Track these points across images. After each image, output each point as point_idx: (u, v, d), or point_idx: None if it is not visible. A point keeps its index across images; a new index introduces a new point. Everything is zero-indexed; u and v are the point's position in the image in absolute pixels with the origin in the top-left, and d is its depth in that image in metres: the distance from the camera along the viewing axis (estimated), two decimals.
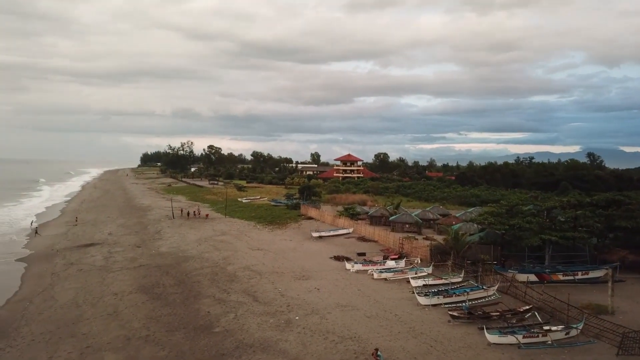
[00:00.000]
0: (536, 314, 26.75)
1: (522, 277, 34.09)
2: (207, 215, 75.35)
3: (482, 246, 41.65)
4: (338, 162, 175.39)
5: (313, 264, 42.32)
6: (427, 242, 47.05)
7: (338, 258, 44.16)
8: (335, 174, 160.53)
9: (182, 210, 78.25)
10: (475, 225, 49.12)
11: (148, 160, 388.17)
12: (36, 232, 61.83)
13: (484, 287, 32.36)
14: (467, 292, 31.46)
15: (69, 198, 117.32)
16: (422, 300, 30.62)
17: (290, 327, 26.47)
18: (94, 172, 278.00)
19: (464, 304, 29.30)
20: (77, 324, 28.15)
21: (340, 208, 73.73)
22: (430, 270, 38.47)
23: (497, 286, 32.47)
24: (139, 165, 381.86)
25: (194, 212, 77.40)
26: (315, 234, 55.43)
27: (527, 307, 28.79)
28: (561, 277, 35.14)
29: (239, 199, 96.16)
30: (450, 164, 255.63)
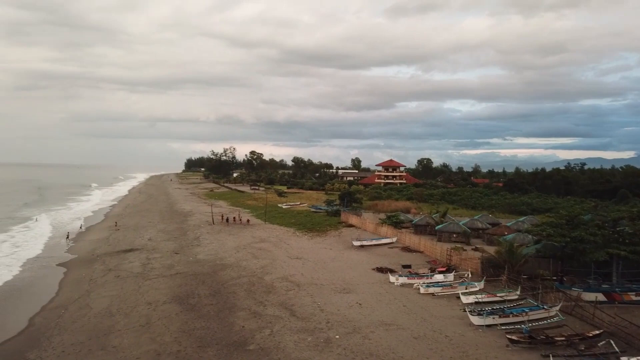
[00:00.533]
0: (612, 342, 23.39)
1: (589, 296, 30.61)
2: (247, 221, 74.39)
3: (540, 260, 38.19)
4: (380, 168, 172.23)
5: (354, 275, 40.05)
6: (477, 254, 43.88)
7: (381, 270, 41.68)
8: (376, 180, 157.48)
9: (222, 216, 77.65)
10: (530, 236, 45.52)
11: (192, 165, 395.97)
12: (67, 237, 62.56)
13: (545, 307, 29.17)
14: (526, 312, 28.38)
15: (115, 202, 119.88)
16: (475, 319, 27.78)
17: (330, 347, 24.30)
18: (141, 177, 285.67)
19: (523, 326, 26.29)
20: (109, 336, 27.02)
21: (382, 215, 71.07)
22: (482, 285, 35.46)
23: (559, 306, 29.21)
24: (183, 171, 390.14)
25: (234, 217, 76.67)
26: (356, 243, 53.13)
27: (598, 332, 25.44)
28: (634, 298, 31.35)
29: (279, 205, 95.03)
30: (496, 170, 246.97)
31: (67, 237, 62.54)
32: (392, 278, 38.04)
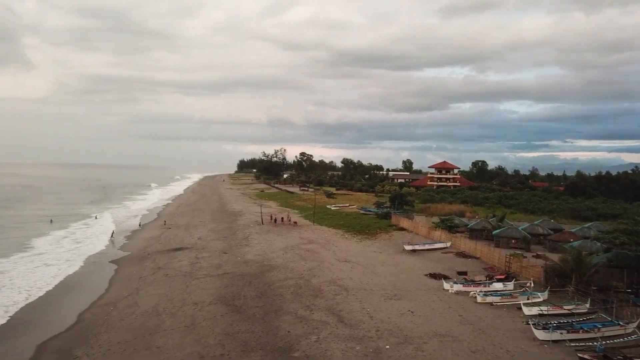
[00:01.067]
0: None
1: None
2: (295, 222, 73.75)
3: (612, 270, 34.82)
4: (432, 170, 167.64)
5: (406, 281, 38.13)
6: (540, 262, 40.82)
7: (434, 276, 39.52)
8: (429, 182, 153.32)
9: (271, 216, 77.45)
10: (599, 244, 41.93)
11: (244, 166, 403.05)
12: (112, 235, 64.01)
13: (621, 323, 26.25)
14: (599, 328, 25.61)
15: (170, 201, 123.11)
16: (540, 334, 25.31)
17: (380, 358, 22.71)
18: (195, 178, 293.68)
19: (596, 343, 23.63)
20: (154, 335, 26.67)
21: (435, 219, 68.36)
22: (546, 295, 32.69)
23: (638, 322, 26.21)
24: (235, 171, 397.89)
25: (282, 218, 76.27)
26: (408, 247, 51.02)
27: None
28: None
29: (328, 206, 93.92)
30: (555, 174, 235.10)
31: (112, 236, 64.06)
32: (446, 285, 35.85)
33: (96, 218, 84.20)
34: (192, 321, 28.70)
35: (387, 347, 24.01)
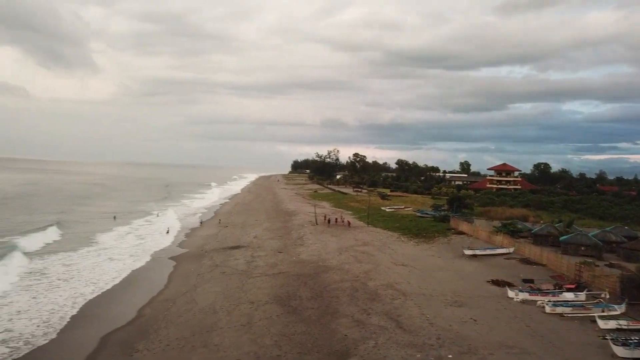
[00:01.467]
0: None
1: None
2: (349, 223, 73.02)
3: None
4: (491, 172, 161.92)
5: (466, 287, 36.47)
6: (615, 271, 37.90)
7: (497, 282, 37.57)
8: (488, 185, 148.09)
9: (324, 217, 77.14)
10: None
11: (298, 167, 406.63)
12: (167, 232, 65.66)
13: None
14: None
15: (227, 200, 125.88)
16: (620, 350, 23.23)
17: None
18: (251, 177, 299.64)
19: None
20: (211, 333, 26.80)
21: (496, 223, 65.51)
22: (623, 308, 30.16)
23: None
24: (289, 172, 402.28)
25: (336, 219, 75.73)
26: (468, 252, 49.03)
27: None
28: None
29: (382, 208, 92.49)
30: (625, 177, 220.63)
31: (167, 232, 65.80)
32: (511, 293, 33.93)
33: (157, 215, 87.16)
34: (248, 320, 28.64)
35: (450, 356, 22.81)
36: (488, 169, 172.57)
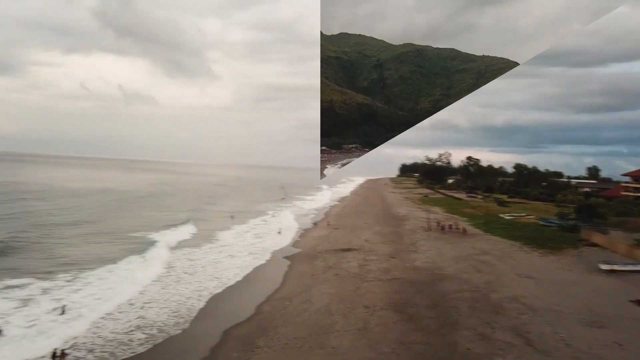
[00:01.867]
0: None
1: None
2: (464, 229, 69.57)
3: None
4: (627, 179, 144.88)
5: (606, 306, 32.50)
6: None
7: None
8: (622, 193, 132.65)
9: (438, 223, 74.34)
10: None
11: (406, 170, 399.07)
12: (279, 233, 67.23)
13: None
14: None
15: (337, 202, 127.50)
16: None
17: None
18: (359, 180, 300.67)
19: None
20: (328, 335, 26.77)
21: (638, 235, 58.00)
22: None
23: None
24: (397, 175, 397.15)
25: (450, 225, 72.56)
26: (604, 267, 43.88)
27: None
28: None
29: (500, 215, 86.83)
30: None
31: (279, 233, 67.64)
32: None
33: (273, 216, 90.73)
34: (364, 325, 28.18)
35: None
36: (622, 175, 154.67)
